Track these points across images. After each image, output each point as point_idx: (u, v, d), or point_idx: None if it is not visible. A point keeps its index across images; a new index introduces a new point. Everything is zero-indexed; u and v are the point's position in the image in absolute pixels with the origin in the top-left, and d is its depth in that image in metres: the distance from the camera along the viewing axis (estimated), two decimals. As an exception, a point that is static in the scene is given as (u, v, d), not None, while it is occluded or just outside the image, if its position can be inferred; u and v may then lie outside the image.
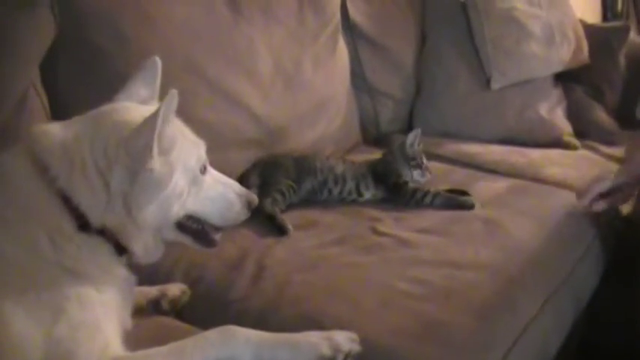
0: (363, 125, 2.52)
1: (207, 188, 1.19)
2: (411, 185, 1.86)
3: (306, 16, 2.20)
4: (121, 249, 1.12)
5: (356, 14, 2.50)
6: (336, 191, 1.86)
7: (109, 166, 1.06)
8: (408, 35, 2.65)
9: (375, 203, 1.87)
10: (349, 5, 2.47)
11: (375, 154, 2.04)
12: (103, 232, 1.09)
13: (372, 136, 2.55)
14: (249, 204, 1.25)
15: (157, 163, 1.06)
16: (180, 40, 1.77)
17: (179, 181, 1.12)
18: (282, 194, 1.78)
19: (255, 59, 1.99)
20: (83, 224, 1.07)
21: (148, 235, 1.13)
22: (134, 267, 1.19)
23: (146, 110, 1.12)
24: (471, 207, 1.81)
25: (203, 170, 1.18)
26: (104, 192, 1.07)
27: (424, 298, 1.36)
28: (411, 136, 1.94)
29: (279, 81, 2.04)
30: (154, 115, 1.04)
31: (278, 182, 1.80)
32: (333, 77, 2.29)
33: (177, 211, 1.14)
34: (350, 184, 1.86)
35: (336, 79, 2.32)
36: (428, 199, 1.83)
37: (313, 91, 2.17)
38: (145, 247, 1.14)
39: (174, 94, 1.05)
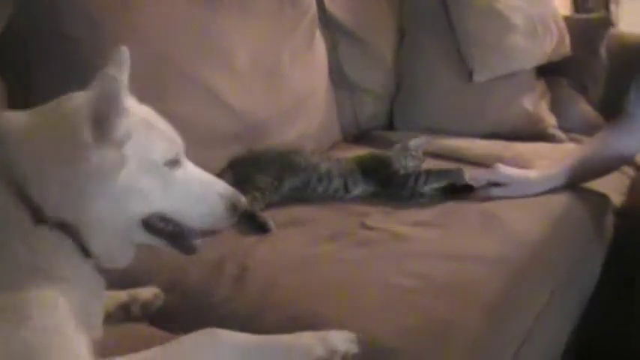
0: (343, 122, 2.44)
1: (180, 186, 1.06)
2: (402, 172, 1.77)
3: (283, 9, 2.13)
4: (86, 249, 1.01)
5: (333, 7, 2.43)
6: (320, 189, 1.76)
7: (56, 155, 0.97)
8: (387, 29, 2.59)
9: (362, 198, 1.78)
10: (326, -2, 2.40)
11: (358, 152, 1.95)
12: (63, 228, 0.98)
13: (353, 134, 2.47)
14: (234, 207, 1.11)
15: (93, 152, 0.96)
16: (154, 31, 1.70)
17: (136, 175, 1.00)
18: (262, 192, 1.67)
19: (233, 52, 1.91)
20: (39, 217, 0.96)
21: (110, 234, 1.01)
22: (104, 271, 1.07)
23: None
24: (462, 177, 1.76)
25: (173, 166, 1.06)
26: (55, 183, 0.97)
27: (424, 293, 1.25)
28: (416, 142, 1.86)
29: (257, 75, 1.97)
30: (86, 100, 0.96)
31: (257, 179, 1.70)
32: (311, 72, 2.22)
33: (140, 209, 1.03)
34: (336, 182, 1.77)
35: (314, 74, 2.25)
36: (422, 181, 1.74)
37: (291, 87, 2.10)
38: (107, 249, 1.02)
39: (109, 78, 0.96)
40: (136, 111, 1.03)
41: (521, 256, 1.44)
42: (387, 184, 1.77)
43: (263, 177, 1.70)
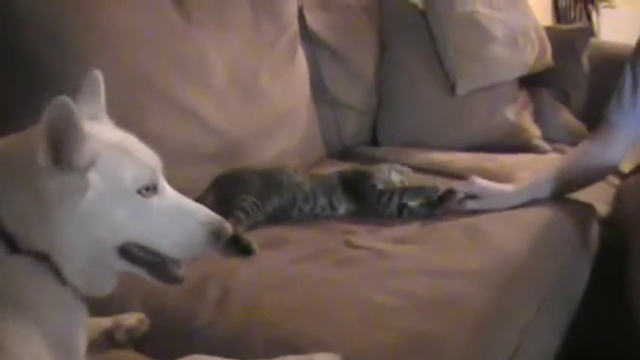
0: (326, 138, 2.42)
1: (156, 214, 1.02)
2: (379, 187, 1.76)
3: (261, 24, 2.10)
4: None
5: (314, 23, 2.41)
6: (307, 209, 1.74)
7: (18, 182, 0.95)
8: (368, 44, 2.58)
9: (347, 216, 1.76)
10: (306, 13, 2.38)
11: (336, 168, 1.94)
12: (38, 256, 0.95)
13: (337, 149, 2.45)
14: (216, 234, 1.05)
15: (49, 178, 0.93)
16: (126, 48, 1.66)
17: (104, 202, 0.97)
18: (246, 213, 1.64)
19: (209, 69, 1.88)
20: (13, 246, 0.94)
21: (85, 263, 0.98)
22: (86, 299, 1.04)
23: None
24: (437, 193, 1.75)
25: (148, 193, 1.02)
26: (21, 211, 0.95)
27: (407, 311, 1.24)
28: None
29: (235, 92, 1.94)
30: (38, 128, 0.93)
31: (241, 199, 1.67)
32: (292, 87, 2.20)
33: (111, 237, 0.99)
34: (322, 201, 1.75)
35: (295, 89, 2.23)
36: (396, 198, 1.73)
37: (272, 102, 2.07)
38: (84, 277, 0.99)
39: (59, 103, 0.92)
40: (108, 135, 1.01)
41: (505, 269, 1.43)
42: (363, 199, 1.76)
43: (247, 197, 1.68)
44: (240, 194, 1.68)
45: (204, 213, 1.06)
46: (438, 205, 1.74)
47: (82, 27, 1.59)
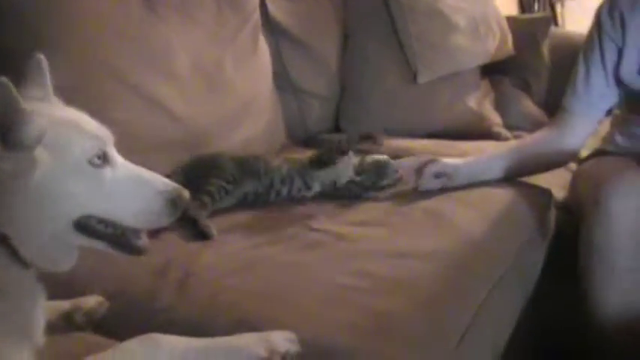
0: (289, 126, 2.44)
1: (110, 184, 1.02)
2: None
3: (224, 14, 2.12)
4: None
5: (276, 11, 2.42)
6: (284, 191, 1.77)
7: None
8: (331, 32, 2.60)
9: (308, 201, 1.78)
10: (268, 2, 2.40)
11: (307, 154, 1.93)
12: None
13: (300, 137, 2.47)
14: (174, 202, 1.05)
15: (2, 159, 0.93)
16: (92, 35, 1.68)
17: (56, 177, 0.97)
18: (211, 196, 1.66)
19: (173, 59, 1.90)
20: None
21: (43, 240, 0.98)
22: (44, 280, 1.04)
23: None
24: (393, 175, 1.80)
25: (99, 163, 1.01)
26: None
27: (369, 291, 1.26)
28: None
29: (199, 81, 1.96)
30: None
31: (207, 183, 1.68)
32: (255, 77, 2.22)
33: (67, 211, 0.99)
34: (298, 182, 1.78)
35: (258, 78, 2.24)
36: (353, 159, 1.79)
37: (235, 92, 2.09)
38: (43, 254, 0.99)
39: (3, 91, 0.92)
40: (55, 113, 1.00)
41: (463, 250, 1.46)
42: (326, 161, 1.78)
43: (216, 181, 1.69)
44: (210, 178, 1.69)
45: (161, 181, 1.06)
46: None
47: (49, 13, 1.59)
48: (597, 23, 1.81)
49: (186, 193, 1.06)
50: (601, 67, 1.79)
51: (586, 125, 1.86)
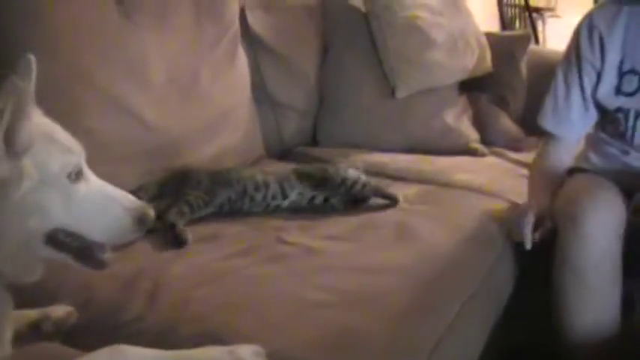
0: (266, 138, 2.43)
1: (82, 200, 1.03)
2: (342, 173, 1.82)
3: (202, 24, 2.10)
4: None
5: (255, 24, 2.42)
6: (259, 197, 1.77)
7: None
8: (310, 46, 2.59)
9: (280, 213, 1.78)
10: (248, 14, 2.39)
11: (284, 167, 1.97)
12: None
13: (276, 150, 2.47)
14: (140, 220, 1.08)
15: (2, 164, 0.94)
16: (66, 41, 1.67)
17: (35, 188, 0.98)
18: (190, 205, 1.68)
19: (148, 67, 1.88)
20: None
21: (12, 250, 0.99)
22: (12, 289, 1.05)
23: None
24: (396, 200, 1.81)
25: (74, 178, 1.03)
26: None
27: (335, 306, 1.27)
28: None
29: (174, 91, 1.95)
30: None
31: (185, 194, 1.70)
32: (232, 88, 2.21)
33: (41, 224, 1.00)
34: (273, 187, 1.78)
35: (236, 90, 2.23)
36: (358, 187, 1.80)
37: (212, 102, 2.08)
38: (11, 264, 1.00)
39: (22, 90, 0.94)
40: (36, 122, 1.00)
41: (432, 266, 1.46)
42: (324, 183, 1.81)
43: (193, 192, 1.71)
44: (186, 189, 1.72)
45: (128, 199, 1.08)
46: None
47: (23, 17, 1.59)
48: (576, 47, 1.81)
49: (151, 212, 1.09)
50: (579, 91, 1.80)
51: (572, 144, 1.89)
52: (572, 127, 1.85)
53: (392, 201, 1.82)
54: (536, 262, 1.79)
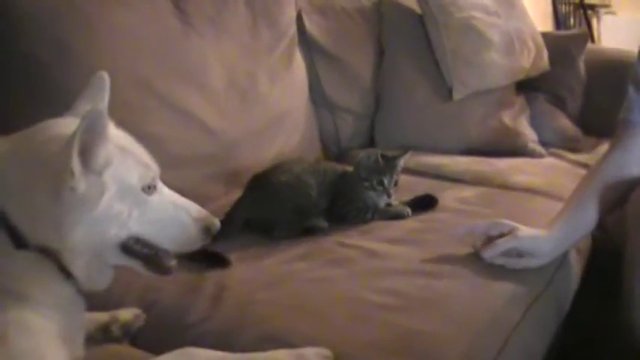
0: (324, 141, 2.46)
1: (155, 210, 1.08)
2: (356, 205, 1.74)
3: (259, 29, 2.14)
4: (67, 272, 1.02)
5: (312, 28, 2.44)
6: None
7: (38, 184, 0.98)
8: (366, 49, 2.60)
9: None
10: (305, 18, 2.41)
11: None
12: (44, 252, 0.99)
13: (334, 152, 2.48)
14: (207, 229, 1.13)
15: (80, 182, 0.97)
16: (125, 51, 1.70)
17: (115, 201, 1.02)
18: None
19: (208, 73, 1.92)
20: (20, 242, 0.97)
21: (89, 258, 1.02)
22: (85, 294, 1.08)
23: None
24: (405, 215, 1.76)
25: (149, 190, 1.07)
26: (37, 211, 0.98)
27: (399, 309, 1.27)
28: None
29: (233, 95, 1.98)
30: (74, 133, 0.95)
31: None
32: (290, 91, 2.23)
33: (117, 233, 1.04)
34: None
35: (293, 93, 2.25)
36: (369, 216, 1.74)
37: (269, 106, 2.11)
38: (87, 271, 1.03)
39: (97, 113, 0.97)
40: (113, 136, 1.04)
41: (495, 270, 1.45)
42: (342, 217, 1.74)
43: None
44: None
45: (195, 209, 1.13)
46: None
47: (81, 29, 1.62)
48: None
49: (216, 221, 1.14)
50: None
51: None
52: None
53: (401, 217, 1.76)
54: (601, 266, 1.77)
